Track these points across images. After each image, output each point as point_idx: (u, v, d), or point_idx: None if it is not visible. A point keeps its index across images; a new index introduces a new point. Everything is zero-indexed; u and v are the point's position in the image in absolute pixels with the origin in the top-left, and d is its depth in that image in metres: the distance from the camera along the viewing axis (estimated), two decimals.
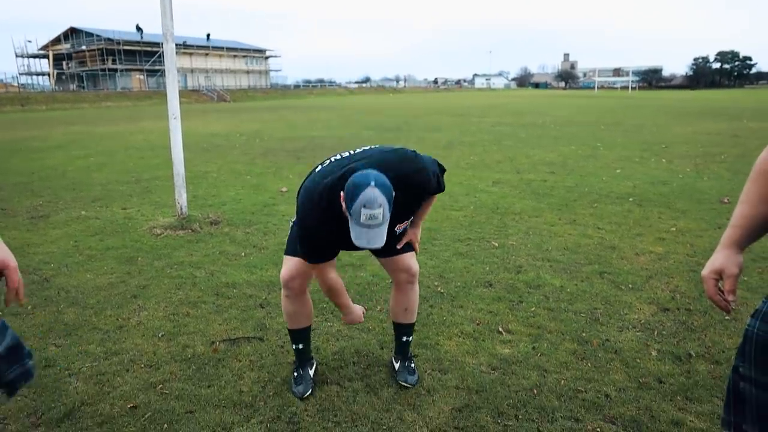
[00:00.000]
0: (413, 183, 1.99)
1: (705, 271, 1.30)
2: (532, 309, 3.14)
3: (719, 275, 1.27)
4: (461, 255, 4.11)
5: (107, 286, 3.57)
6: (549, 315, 3.06)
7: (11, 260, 1.28)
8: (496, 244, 4.36)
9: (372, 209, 1.74)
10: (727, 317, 2.98)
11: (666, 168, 8.10)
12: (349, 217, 1.80)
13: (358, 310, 2.28)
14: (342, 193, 1.80)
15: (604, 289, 3.44)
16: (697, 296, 3.27)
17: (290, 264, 2.25)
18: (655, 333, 2.83)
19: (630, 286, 3.48)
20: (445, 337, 2.82)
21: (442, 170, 2.20)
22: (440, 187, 2.17)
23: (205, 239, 4.63)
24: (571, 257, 4.05)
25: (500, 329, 2.88)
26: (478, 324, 2.96)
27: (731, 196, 5.94)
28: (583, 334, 2.81)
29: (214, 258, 4.13)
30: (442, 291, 3.41)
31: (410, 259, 2.32)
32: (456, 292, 3.40)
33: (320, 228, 1.94)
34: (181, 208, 5.07)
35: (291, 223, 2.35)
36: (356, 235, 1.80)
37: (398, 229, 2.14)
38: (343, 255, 3.71)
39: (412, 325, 2.48)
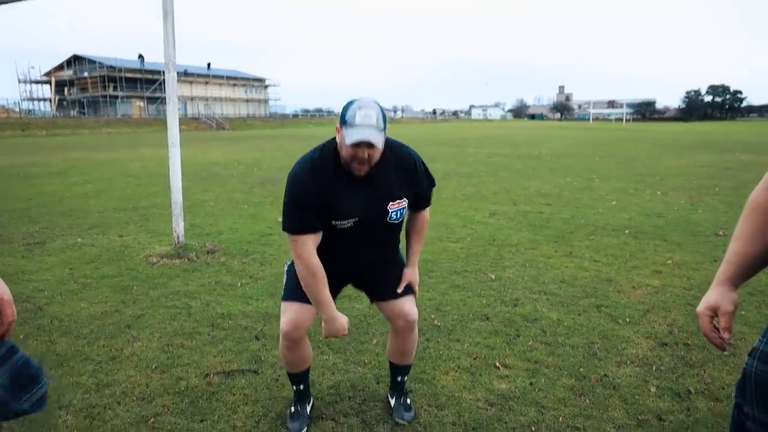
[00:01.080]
0: (403, 157, 2.08)
1: (700, 308, 1.30)
2: (530, 343, 3.12)
3: (714, 312, 1.28)
4: (458, 287, 4.10)
5: (101, 316, 3.54)
6: (546, 349, 3.04)
7: (5, 293, 1.26)
8: (493, 277, 4.36)
9: (366, 109, 1.83)
10: (725, 353, 2.96)
11: (661, 200, 8.16)
12: (343, 130, 1.85)
13: (341, 319, 2.05)
14: (337, 129, 1.91)
15: (601, 322, 3.42)
16: (695, 331, 3.26)
17: (290, 313, 2.11)
18: (654, 368, 2.81)
19: (627, 320, 3.47)
20: (441, 371, 2.79)
21: (432, 180, 2.21)
22: (430, 179, 2.19)
23: (201, 268, 4.61)
24: (568, 290, 4.05)
25: (497, 364, 2.86)
26: (475, 358, 2.93)
27: (726, 229, 5.97)
28: (581, 369, 2.79)
29: (210, 288, 4.11)
30: (438, 324, 3.39)
31: (409, 304, 2.22)
32: (453, 325, 3.38)
33: (309, 186, 1.93)
34: (178, 237, 5.06)
35: (286, 267, 2.27)
36: (350, 135, 1.81)
37: (392, 208, 2.04)
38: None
39: (409, 366, 2.45)
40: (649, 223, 6.49)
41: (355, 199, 1.97)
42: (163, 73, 4.94)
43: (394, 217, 2.07)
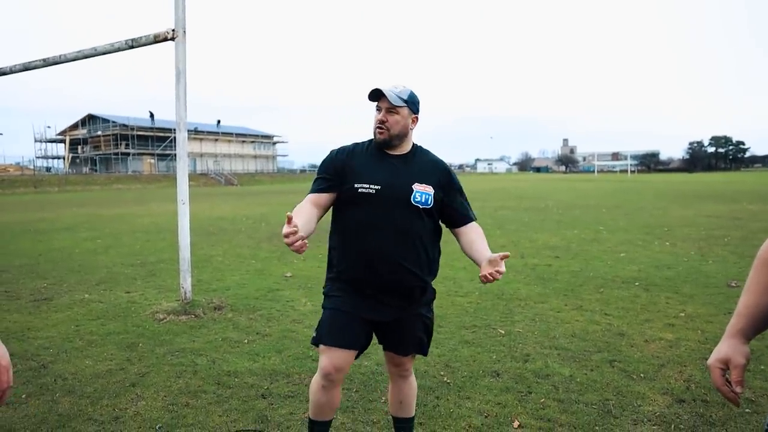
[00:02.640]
0: (433, 158, 2.25)
1: (711, 360, 1.28)
2: (542, 400, 3.03)
3: (725, 365, 1.26)
4: (467, 343, 4.03)
5: (106, 374, 3.49)
6: (559, 407, 2.95)
7: (3, 357, 1.23)
8: (503, 332, 4.29)
9: (396, 84, 2.11)
10: (747, 410, 2.87)
11: (670, 251, 8.11)
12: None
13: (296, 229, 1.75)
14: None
15: (615, 378, 3.34)
16: (713, 386, 3.16)
17: (334, 355, 2.08)
18: (672, 427, 2.71)
19: (642, 375, 3.38)
20: (452, 430, 2.70)
21: (471, 209, 2.33)
22: (467, 202, 2.30)
23: (207, 325, 4.57)
24: (580, 345, 3.97)
25: (510, 422, 2.77)
26: (486, 416, 2.85)
27: (738, 280, 5.89)
28: (597, 428, 2.70)
29: (216, 345, 4.06)
30: (448, 381, 3.32)
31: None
32: (463, 382, 3.30)
33: (337, 154, 2.16)
34: (185, 293, 5.05)
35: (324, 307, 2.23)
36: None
37: (417, 189, 2.09)
38: None
39: (411, 419, 2.40)
40: (659, 274, 6.42)
41: (380, 170, 2.10)
42: (174, 130, 5.08)
43: (419, 198, 2.08)
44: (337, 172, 2.11)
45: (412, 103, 2.12)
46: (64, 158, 61.90)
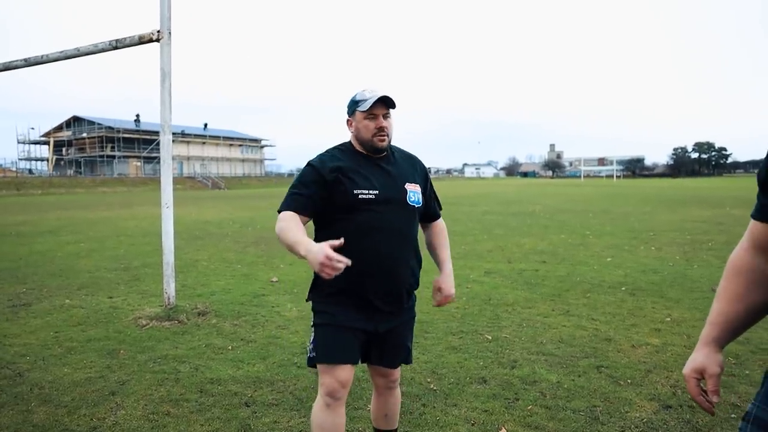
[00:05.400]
0: (406, 153, 2.25)
1: (686, 370, 1.28)
2: (529, 407, 3.01)
3: (700, 374, 1.25)
4: (454, 349, 4.00)
5: (84, 382, 3.40)
6: (547, 414, 2.93)
7: None
8: (490, 338, 4.26)
9: (371, 88, 2.05)
10: (733, 415, 2.86)
11: (656, 256, 8.16)
12: (357, 111, 2.04)
13: (321, 245, 1.71)
14: (348, 122, 2.12)
15: (602, 384, 3.32)
16: None
17: (337, 372, 2.01)
18: None
19: (629, 381, 3.37)
20: None
21: (438, 201, 2.37)
22: (435, 195, 2.33)
23: (191, 331, 4.49)
24: (567, 350, 3.96)
25: (497, 430, 2.74)
26: (473, 424, 2.82)
27: None
28: None
29: (199, 351, 3.98)
30: (435, 388, 3.28)
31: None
32: (450, 389, 3.27)
33: (324, 163, 2.05)
34: (169, 298, 4.96)
35: (312, 321, 2.15)
36: (365, 105, 2.01)
37: (409, 188, 2.10)
38: None
39: (394, 431, 2.35)
40: (645, 279, 6.45)
41: (374, 176, 2.06)
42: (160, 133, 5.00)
43: (413, 198, 2.10)
44: (324, 186, 2.00)
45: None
46: (48, 160, 61.10)
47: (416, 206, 2.11)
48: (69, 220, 15.79)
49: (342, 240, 1.75)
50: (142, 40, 4.93)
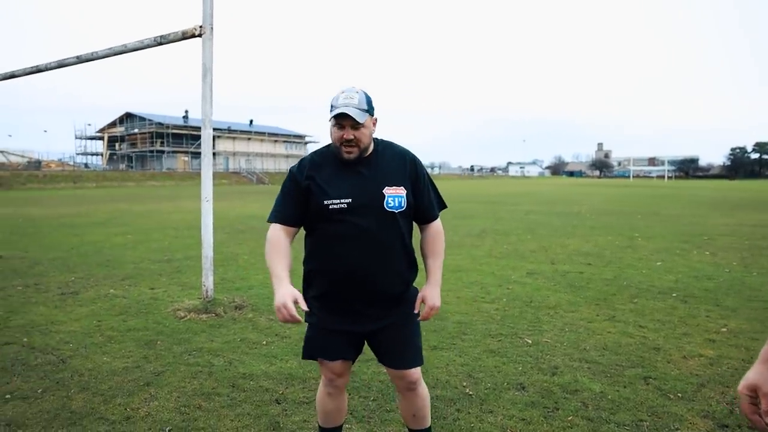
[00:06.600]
0: (397, 150, 2.12)
1: (740, 387, 1.20)
2: (570, 418, 2.85)
3: (754, 392, 1.18)
4: (492, 352, 3.86)
5: (122, 371, 3.46)
6: (589, 426, 2.76)
7: None
8: (530, 342, 4.10)
9: (348, 92, 1.96)
10: None
11: (710, 261, 7.73)
12: (330, 114, 1.96)
13: (288, 291, 1.90)
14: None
15: (649, 397, 3.12)
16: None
17: (327, 365, 2.13)
18: None
19: (679, 395, 3.15)
20: None
21: (441, 200, 2.23)
22: (436, 193, 2.19)
23: (227, 324, 4.52)
24: (612, 358, 3.75)
25: None
26: None
27: None
28: None
29: (234, 345, 3.99)
30: (470, 393, 3.16)
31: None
32: (486, 394, 3.14)
33: (297, 173, 2.03)
34: (207, 291, 5.01)
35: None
36: (332, 113, 1.94)
37: (389, 193, 1.99)
38: None
39: (428, 430, 2.27)
40: (699, 285, 6.10)
41: (348, 181, 2.00)
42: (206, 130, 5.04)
43: (392, 203, 1.99)
44: (301, 193, 2.02)
45: (371, 108, 2.02)
46: (102, 155, 63.80)
47: (396, 211, 2.00)
48: (118, 213, 16.37)
49: (305, 306, 1.96)
50: (185, 36, 4.98)
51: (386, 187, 1.99)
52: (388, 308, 2.08)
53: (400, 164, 2.07)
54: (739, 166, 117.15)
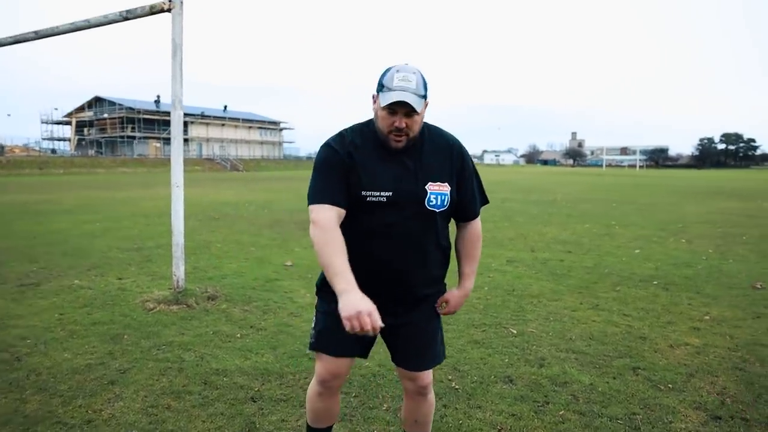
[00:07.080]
0: (446, 139, 1.89)
1: None
2: (561, 412, 2.73)
3: None
4: (477, 343, 3.73)
5: (84, 369, 3.22)
6: (581, 421, 2.65)
7: None
8: (515, 332, 3.98)
9: (405, 72, 1.70)
10: None
11: (687, 249, 7.76)
12: (380, 96, 1.72)
13: (364, 301, 1.53)
14: (373, 98, 1.79)
15: (640, 388, 3.03)
16: (751, 401, 2.86)
17: (329, 362, 1.93)
18: None
19: (670, 385, 3.07)
20: None
21: (484, 195, 2.02)
22: (481, 189, 1.97)
23: (199, 316, 4.29)
24: (599, 348, 3.66)
25: None
26: (500, 430, 2.56)
27: (763, 281, 5.56)
28: None
29: (206, 339, 3.78)
30: (456, 387, 3.02)
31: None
32: (473, 388, 3.01)
33: (335, 149, 1.78)
34: (178, 281, 4.77)
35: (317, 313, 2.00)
36: (386, 98, 1.69)
37: (432, 189, 1.78)
38: None
39: None
40: (678, 273, 6.09)
41: (389, 172, 1.77)
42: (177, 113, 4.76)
43: (434, 201, 1.79)
44: (345, 172, 1.76)
45: (427, 93, 1.77)
46: (70, 140, 61.83)
47: (437, 210, 1.81)
48: (87, 200, 15.80)
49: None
50: (153, 11, 4.67)
51: (430, 183, 1.79)
52: (415, 307, 1.92)
53: (446, 156, 1.85)
54: (707, 156, 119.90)
